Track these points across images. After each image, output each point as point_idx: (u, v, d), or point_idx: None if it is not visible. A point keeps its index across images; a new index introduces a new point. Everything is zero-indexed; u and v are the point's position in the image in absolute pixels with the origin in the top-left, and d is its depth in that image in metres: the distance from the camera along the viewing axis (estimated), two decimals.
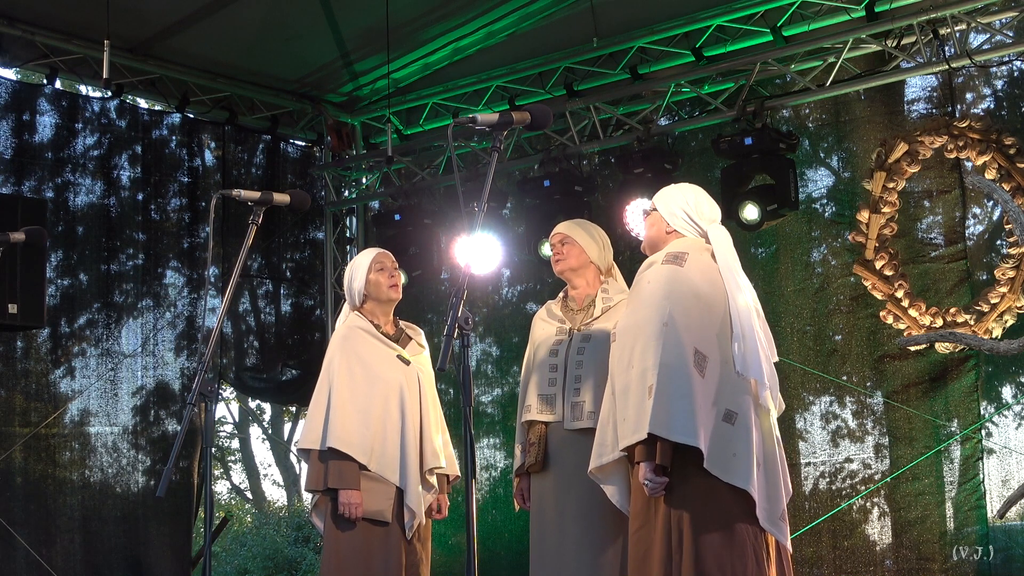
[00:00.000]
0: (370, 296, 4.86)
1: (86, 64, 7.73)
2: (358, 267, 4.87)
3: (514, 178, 8.40)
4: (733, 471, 3.79)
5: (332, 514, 4.66)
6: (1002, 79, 7.19)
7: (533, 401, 4.69)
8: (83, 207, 7.96)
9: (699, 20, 7.47)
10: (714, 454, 3.79)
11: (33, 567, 7.22)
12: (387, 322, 4.90)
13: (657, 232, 4.18)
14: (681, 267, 3.97)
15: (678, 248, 4.06)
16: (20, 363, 7.52)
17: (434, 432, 4.84)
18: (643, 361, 3.87)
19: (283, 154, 9.14)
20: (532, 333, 4.86)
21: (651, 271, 4.04)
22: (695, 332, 3.86)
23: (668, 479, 3.83)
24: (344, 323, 4.87)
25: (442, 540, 8.11)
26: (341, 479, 4.61)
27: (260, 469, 22.43)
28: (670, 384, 3.78)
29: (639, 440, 3.82)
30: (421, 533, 4.79)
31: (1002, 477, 6.84)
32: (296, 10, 7.62)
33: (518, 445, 4.79)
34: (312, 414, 4.74)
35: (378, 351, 4.80)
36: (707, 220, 4.14)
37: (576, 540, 4.52)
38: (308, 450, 4.72)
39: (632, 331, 3.98)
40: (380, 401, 4.70)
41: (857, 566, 7.09)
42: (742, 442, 3.82)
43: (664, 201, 4.19)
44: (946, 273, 7.03)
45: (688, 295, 3.91)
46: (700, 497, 3.81)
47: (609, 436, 4.07)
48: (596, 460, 4.14)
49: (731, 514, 3.81)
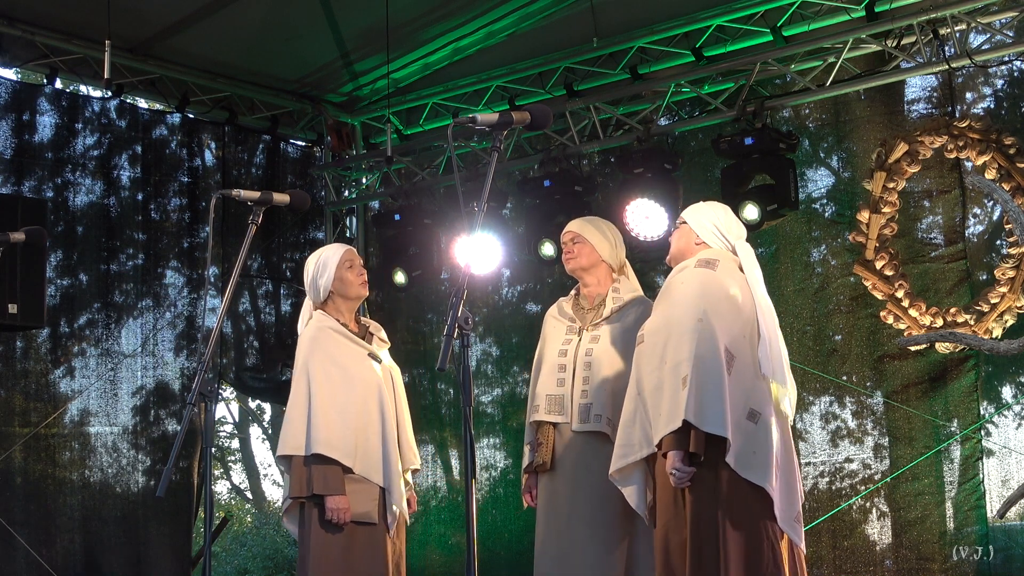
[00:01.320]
0: (337, 293, 4.77)
1: (86, 64, 7.73)
2: (325, 263, 4.75)
3: (514, 178, 8.40)
4: (754, 468, 3.93)
5: (319, 520, 4.56)
6: (1002, 79, 7.19)
7: (542, 401, 4.70)
8: (83, 207, 7.95)
9: (699, 20, 7.46)
10: (738, 449, 3.92)
11: (33, 567, 7.22)
12: (351, 320, 4.83)
13: (686, 243, 4.35)
14: (714, 271, 4.15)
15: (709, 256, 4.24)
16: (20, 363, 7.52)
17: (408, 430, 4.81)
18: (677, 355, 4.00)
19: (283, 154, 9.13)
20: (543, 330, 4.87)
21: (684, 273, 4.20)
22: (725, 331, 4.01)
23: (695, 469, 3.93)
24: (311, 323, 4.78)
25: (442, 540, 8.09)
26: (327, 485, 4.52)
27: (260, 469, 22.43)
28: (705, 376, 3.92)
29: (673, 429, 3.93)
30: (398, 529, 4.75)
31: (1002, 477, 6.84)
32: (296, 10, 7.61)
33: (526, 444, 4.79)
34: (292, 418, 4.62)
35: (350, 351, 4.73)
36: (735, 236, 4.33)
37: (582, 541, 4.53)
38: (290, 456, 4.59)
39: (664, 330, 4.11)
40: (359, 402, 4.63)
41: (857, 566, 7.09)
42: (763, 441, 3.95)
43: (695, 215, 4.37)
44: (946, 273, 7.03)
45: (721, 296, 4.08)
46: (726, 491, 3.93)
47: (636, 436, 4.15)
48: (621, 460, 4.19)
49: (753, 510, 3.94)
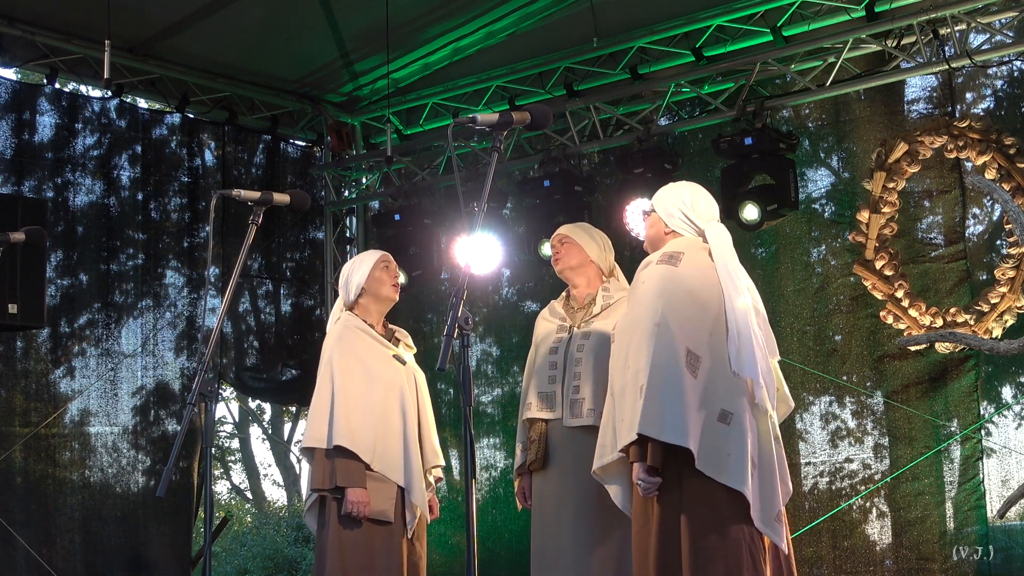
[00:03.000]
0: (368, 291, 4.83)
1: (86, 64, 7.73)
2: (362, 262, 4.86)
3: (514, 178, 8.40)
4: (727, 471, 3.77)
5: (337, 513, 4.62)
6: (1002, 79, 7.19)
7: (533, 399, 4.72)
8: (83, 207, 7.95)
9: (699, 20, 7.47)
10: (707, 454, 3.78)
11: (33, 567, 7.22)
12: (379, 323, 4.89)
13: (656, 232, 4.18)
14: (675, 267, 3.96)
15: (674, 248, 4.06)
16: (20, 363, 7.52)
17: (431, 431, 4.86)
18: (636, 362, 3.87)
19: (283, 154, 9.13)
20: (535, 332, 4.90)
21: (646, 271, 4.04)
22: (687, 332, 3.84)
23: (661, 479, 3.81)
24: (339, 322, 4.85)
25: (442, 540, 8.09)
26: (349, 477, 4.58)
27: (260, 469, 22.43)
28: (660, 384, 3.78)
29: (631, 440, 3.83)
30: (418, 531, 4.79)
31: (1002, 477, 6.84)
32: (296, 10, 7.61)
33: (519, 444, 4.81)
34: (315, 412, 4.69)
35: (375, 350, 4.79)
36: (704, 218, 4.12)
37: (575, 537, 4.54)
38: (312, 449, 4.66)
39: (628, 331, 3.99)
40: (380, 400, 4.69)
41: (857, 566, 7.09)
42: (736, 442, 3.79)
43: (661, 201, 4.18)
44: (946, 273, 7.03)
45: (681, 295, 3.90)
46: (695, 498, 3.80)
47: (609, 437, 4.07)
48: (598, 461, 4.14)
49: (726, 515, 3.79)
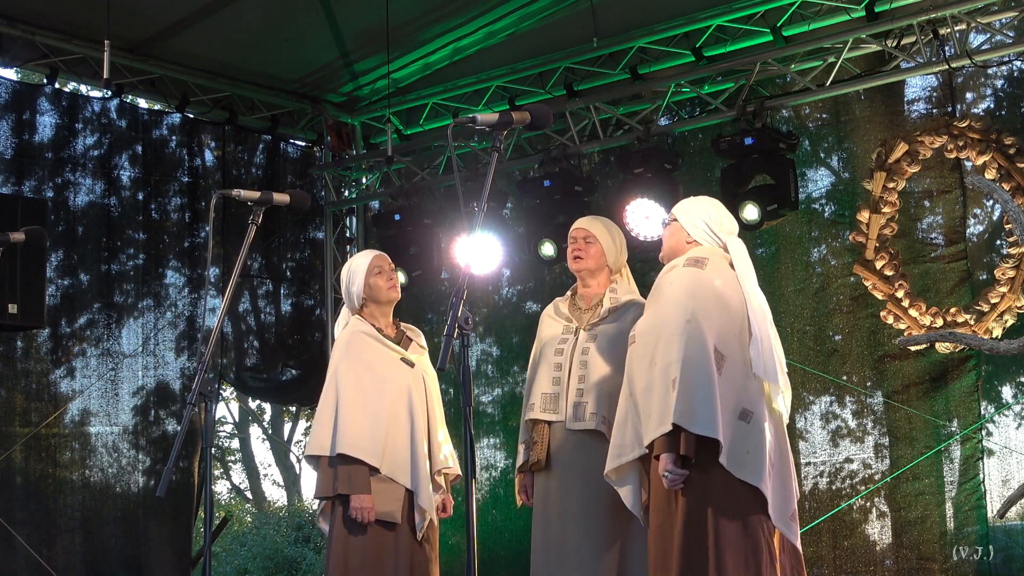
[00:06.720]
0: (369, 299, 4.86)
1: (86, 64, 7.72)
2: (355, 271, 4.86)
3: (514, 178, 8.40)
4: (747, 468, 3.89)
5: (342, 518, 4.64)
6: (1002, 79, 7.19)
7: (537, 400, 4.69)
8: (83, 207, 7.96)
9: (699, 20, 7.47)
10: (730, 450, 3.89)
11: (33, 567, 7.22)
12: (388, 324, 4.90)
13: (677, 241, 4.29)
14: (702, 270, 4.09)
15: (698, 254, 4.18)
16: (20, 363, 7.52)
17: (442, 432, 4.87)
18: (666, 356, 3.97)
19: (283, 154, 9.14)
20: (539, 330, 4.84)
21: (673, 273, 4.15)
22: (714, 331, 3.97)
23: (688, 472, 3.91)
24: (346, 328, 4.87)
25: (442, 540, 8.03)
26: (351, 484, 4.61)
27: (260, 469, 22.44)
28: (693, 377, 3.89)
29: (663, 432, 3.91)
30: (429, 534, 4.80)
31: (1002, 477, 6.84)
32: (296, 10, 7.61)
33: (521, 443, 4.79)
34: (320, 420, 4.72)
35: (382, 354, 4.80)
36: (726, 232, 4.26)
37: (577, 540, 4.52)
38: (317, 457, 4.69)
39: (654, 331, 4.08)
40: (388, 404, 4.70)
41: (857, 566, 7.09)
42: (756, 441, 3.92)
43: (685, 212, 4.30)
44: (946, 273, 7.03)
45: (709, 296, 4.03)
46: (719, 491, 3.91)
47: (628, 436, 4.13)
48: (614, 461, 4.18)
49: (747, 510, 3.91)
